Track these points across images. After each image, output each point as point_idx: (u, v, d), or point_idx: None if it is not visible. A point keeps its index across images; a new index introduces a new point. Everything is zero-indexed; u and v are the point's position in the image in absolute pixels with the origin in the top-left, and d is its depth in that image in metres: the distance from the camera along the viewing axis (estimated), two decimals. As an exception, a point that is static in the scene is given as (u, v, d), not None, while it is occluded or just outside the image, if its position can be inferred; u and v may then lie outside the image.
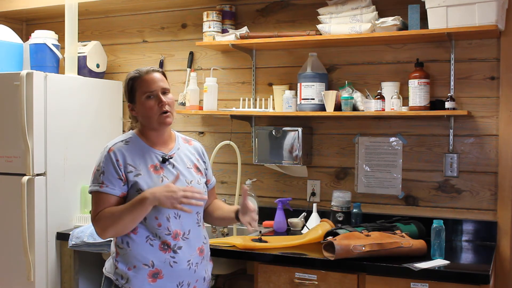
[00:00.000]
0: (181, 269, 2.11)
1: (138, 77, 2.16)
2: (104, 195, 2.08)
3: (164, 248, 2.09)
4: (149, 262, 2.07)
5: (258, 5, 3.42)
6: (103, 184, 2.08)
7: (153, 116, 2.13)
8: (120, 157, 2.10)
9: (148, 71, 2.17)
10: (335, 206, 3.04)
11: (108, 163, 2.08)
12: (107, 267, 2.18)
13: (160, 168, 2.14)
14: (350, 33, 2.92)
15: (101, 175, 2.09)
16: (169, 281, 2.09)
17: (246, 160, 3.39)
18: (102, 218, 2.06)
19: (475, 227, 2.92)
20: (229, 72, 3.48)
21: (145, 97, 2.12)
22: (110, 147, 2.12)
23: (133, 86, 2.16)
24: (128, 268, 2.07)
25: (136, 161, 2.11)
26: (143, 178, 2.10)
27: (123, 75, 3.80)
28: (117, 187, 2.08)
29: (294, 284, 2.57)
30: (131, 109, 2.19)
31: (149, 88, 2.12)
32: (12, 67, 3.40)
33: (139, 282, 2.06)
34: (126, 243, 2.09)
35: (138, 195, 2.05)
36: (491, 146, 2.91)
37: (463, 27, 2.69)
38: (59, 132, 3.18)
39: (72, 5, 3.40)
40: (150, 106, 2.12)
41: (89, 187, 2.14)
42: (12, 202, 3.07)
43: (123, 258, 2.10)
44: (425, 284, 2.34)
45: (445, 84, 2.97)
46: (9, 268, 3.11)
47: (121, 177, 2.08)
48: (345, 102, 2.98)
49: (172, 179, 2.12)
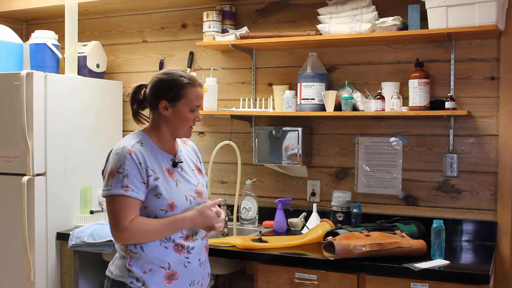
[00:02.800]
0: (193, 268, 2.13)
1: (191, 85, 2.09)
2: (130, 200, 1.99)
3: (179, 249, 2.09)
4: (165, 264, 2.06)
5: (258, 5, 3.42)
6: (128, 187, 1.99)
7: (184, 127, 2.12)
8: (142, 160, 2.03)
9: (200, 83, 2.14)
10: (335, 206, 3.04)
11: (133, 166, 2.00)
12: (114, 270, 2.10)
13: (172, 171, 2.13)
14: (350, 33, 2.92)
15: (124, 178, 1.99)
16: (183, 281, 2.11)
17: (246, 160, 3.39)
18: (133, 229, 1.99)
19: (475, 227, 2.92)
20: (229, 72, 3.48)
21: (189, 108, 2.10)
22: (130, 149, 2.03)
23: (181, 90, 2.08)
24: (144, 272, 2.04)
25: (153, 164, 2.07)
26: (162, 182, 2.06)
27: (123, 75, 3.81)
28: (141, 191, 2.02)
29: (294, 284, 2.57)
30: (165, 109, 2.09)
31: (196, 102, 2.11)
32: (12, 67, 3.40)
33: (155, 284, 2.05)
34: (140, 248, 2.05)
35: (179, 218, 2.05)
36: (491, 146, 2.91)
37: (463, 27, 2.69)
38: (59, 132, 3.18)
39: (72, 5, 3.40)
40: (188, 118, 2.11)
41: (106, 190, 2.02)
42: (12, 202, 3.07)
43: (138, 262, 2.05)
44: (425, 284, 2.34)
45: (445, 84, 2.97)
46: (9, 268, 3.12)
47: (144, 181, 2.02)
48: (345, 102, 2.98)
49: (188, 188, 2.14)
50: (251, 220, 3.26)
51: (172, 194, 2.07)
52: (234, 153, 3.28)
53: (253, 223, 3.26)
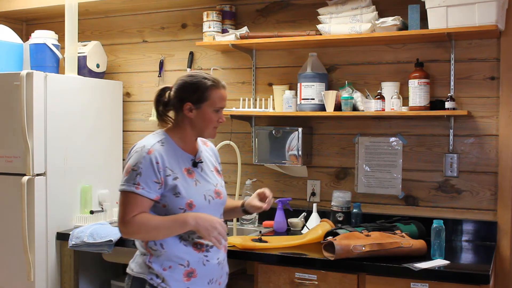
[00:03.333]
0: (212, 266, 2.16)
1: (215, 87, 2.14)
2: (138, 197, 2.03)
3: (198, 248, 2.12)
4: (184, 262, 2.10)
5: (258, 5, 3.42)
6: (139, 185, 2.03)
7: (209, 128, 2.17)
8: (160, 160, 2.06)
9: (223, 85, 2.19)
10: (335, 206, 3.04)
11: (148, 165, 2.04)
12: (134, 268, 2.15)
13: (192, 171, 2.17)
14: (350, 33, 2.92)
15: (137, 176, 2.04)
16: (202, 279, 2.14)
17: (246, 160, 3.39)
18: (135, 223, 2.03)
19: (475, 227, 2.92)
20: (229, 72, 3.48)
21: (213, 109, 2.14)
22: (150, 148, 2.07)
23: (206, 92, 2.13)
24: (163, 269, 2.08)
25: (172, 164, 2.10)
26: (181, 181, 2.10)
27: (123, 75, 3.81)
28: (153, 190, 2.05)
29: (294, 284, 2.57)
30: (189, 110, 2.13)
31: (220, 104, 2.16)
32: (12, 67, 3.40)
33: (174, 281, 2.09)
34: (160, 245, 2.09)
35: (180, 216, 2.06)
36: (491, 146, 2.91)
37: (463, 27, 2.69)
38: (59, 132, 3.18)
39: (72, 5, 3.40)
40: (212, 119, 2.15)
41: (120, 185, 2.07)
42: (12, 202, 3.07)
43: (158, 259, 2.09)
44: (425, 284, 2.34)
45: (445, 84, 2.97)
46: (9, 268, 3.12)
47: (158, 181, 2.05)
48: (345, 102, 2.98)
49: (206, 188, 2.17)
50: (251, 220, 3.26)
51: (191, 193, 2.11)
52: (234, 153, 3.28)
53: (253, 223, 3.26)
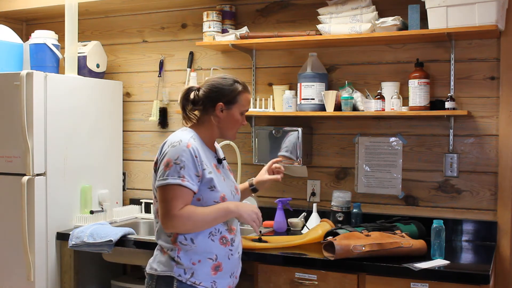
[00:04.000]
0: (234, 260, 2.25)
1: (244, 91, 2.27)
2: (184, 190, 2.09)
3: (224, 242, 2.20)
4: (213, 256, 2.17)
5: (258, 5, 3.42)
6: (184, 178, 2.08)
7: (233, 130, 2.29)
8: (197, 154, 2.13)
9: (249, 90, 2.32)
10: (335, 206, 3.04)
11: (189, 158, 2.10)
12: (158, 267, 2.17)
13: (218, 167, 2.27)
14: (350, 33, 2.92)
15: (181, 169, 2.09)
16: (226, 272, 2.22)
17: (246, 160, 3.39)
18: (184, 216, 2.08)
19: (475, 227, 2.92)
20: (229, 72, 3.46)
21: (240, 112, 2.27)
22: (187, 142, 2.13)
23: (237, 95, 2.25)
24: (193, 263, 2.14)
25: (205, 159, 2.18)
26: (215, 176, 2.18)
27: (123, 75, 3.81)
28: (195, 183, 2.12)
29: (294, 284, 2.57)
30: (221, 110, 2.22)
31: (246, 107, 2.30)
32: (12, 67, 3.40)
33: (204, 274, 2.15)
34: (190, 240, 2.14)
35: (221, 205, 2.16)
36: (491, 146, 2.91)
37: (463, 27, 2.69)
38: (59, 132, 3.18)
39: (72, 5, 3.40)
40: (239, 120, 2.28)
41: (162, 179, 2.09)
42: (12, 202, 3.07)
43: (187, 253, 2.14)
44: (425, 284, 2.34)
45: (445, 84, 2.97)
46: (9, 268, 3.12)
47: (198, 173, 2.12)
48: (345, 102, 2.98)
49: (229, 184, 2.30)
50: (251, 220, 3.26)
51: (223, 187, 2.21)
52: (234, 153, 3.28)
53: (253, 223, 3.26)
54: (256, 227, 2.23)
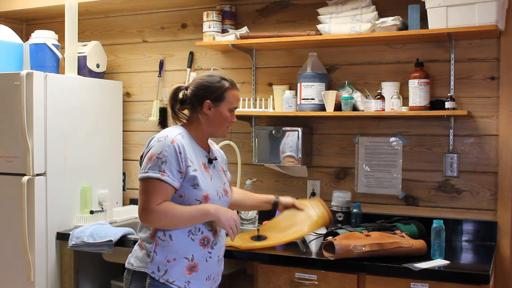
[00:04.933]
0: (213, 263, 2.22)
1: (232, 88, 2.26)
2: (164, 185, 2.09)
3: (204, 244, 2.18)
4: (189, 256, 2.15)
5: (258, 5, 3.42)
6: (165, 173, 2.08)
7: (223, 127, 2.28)
8: (182, 150, 2.13)
9: (238, 87, 2.31)
10: (335, 206, 3.04)
11: (172, 154, 2.10)
12: (135, 262, 2.18)
13: (207, 166, 2.25)
14: (350, 33, 2.92)
15: (163, 163, 2.09)
16: (202, 274, 2.19)
17: (246, 160, 3.39)
18: (161, 211, 2.08)
19: (475, 227, 2.92)
20: (229, 72, 3.48)
21: (228, 109, 2.26)
22: (173, 138, 2.13)
23: (225, 92, 2.24)
24: (167, 260, 2.12)
25: (192, 156, 2.17)
26: (199, 174, 2.17)
27: (123, 75, 3.81)
28: (176, 179, 2.11)
29: (294, 284, 2.57)
30: (208, 108, 2.22)
31: (235, 104, 2.28)
32: (12, 67, 3.40)
33: (177, 273, 2.13)
34: (168, 236, 2.13)
35: (202, 206, 2.15)
36: (491, 146, 2.91)
37: (463, 27, 2.69)
38: (59, 132, 3.18)
39: (72, 5, 3.40)
40: (228, 118, 2.26)
41: (143, 172, 2.11)
42: (12, 202, 3.07)
43: (164, 249, 2.13)
44: (425, 284, 2.34)
45: (445, 84, 2.97)
46: (9, 268, 3.11)
47: (181, 170, 2.12)
48: (345, 102, 2.98)
49: (219, 183, 2.29)
50: (251, 220, 3.26)
51: (207, 186, 2.19)
52: (234, 153, 3.28)
53: (253, 223, 3.26)
54: (232, 234, 2.20)
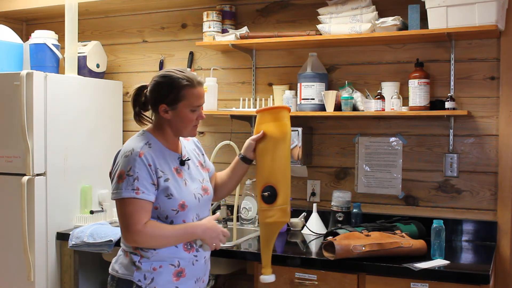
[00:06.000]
0: (200, 266, 2.15)
1: (189, 86, 2.06)
2: (142, 202, 2.00)
3: (188, 248, 2.11)
4: (175, 262, 2.08)
5: (258, 5, 3.42)
6: (139, 190, 1.99)
7: (188, 127, 2.11)
8: (151, 162, 2.03)
9: (199, 82, 2.09)
10: (335, 206, 3.04)
11: (142, 168, 2.00)
12: (119, 269, 2.10)
13: (180, 170, 2.14)
14: (350, 33, 2.92)
15: (135, 181, 1.99)
16: (190, 278, 2.13)
17: (246, 160, 3.38)
18: (147, 234, 2.00)
19: (475, 227, 2.92)
20: (229, 72, 3.48)
21: (190, 109, 2.08)
22: (139, 151, 2.03)
23: (180, 92, 2.05)
24: (153, 268, 2.06)
25: (162, 165, 2.07)
26: (172, 183, 2.07)
27: (123, 75, 3.81)
28: (151, 192, 2.02)
29: (294, 284, 2.57)
30: (165, 112, 2.07)
31: (198, 103, 2.09)
32: (12, 67, 3.40)
33: (164, 280, 2.07)
34: None
35: (189, 226, 2.09)
36: (491, 146, 2.91)
37: (463, 27, 2.69)
38: (59, 132, 3.18)
39: (72, 5, 3.40)
40: (190, 118, 2.09)
41: (116, 193, 2.02)
42: (12, 202, 3.07)
43: (148, 259, 2.06)
44: (425, 284, 2.34)
45: (445, 84, 2.97)
46: (9, 268, 3.12)
47: (154, 182, 2.03)
48: (345, 102, 2.98)
49: (197, 189, 2.16)
50: (251, 220, 3.26)
51: (182, 194, 2.08)
52: (234, 153, 3.27)
53: (253, 223, 3.26)
54: (213, 248, 2.16)
